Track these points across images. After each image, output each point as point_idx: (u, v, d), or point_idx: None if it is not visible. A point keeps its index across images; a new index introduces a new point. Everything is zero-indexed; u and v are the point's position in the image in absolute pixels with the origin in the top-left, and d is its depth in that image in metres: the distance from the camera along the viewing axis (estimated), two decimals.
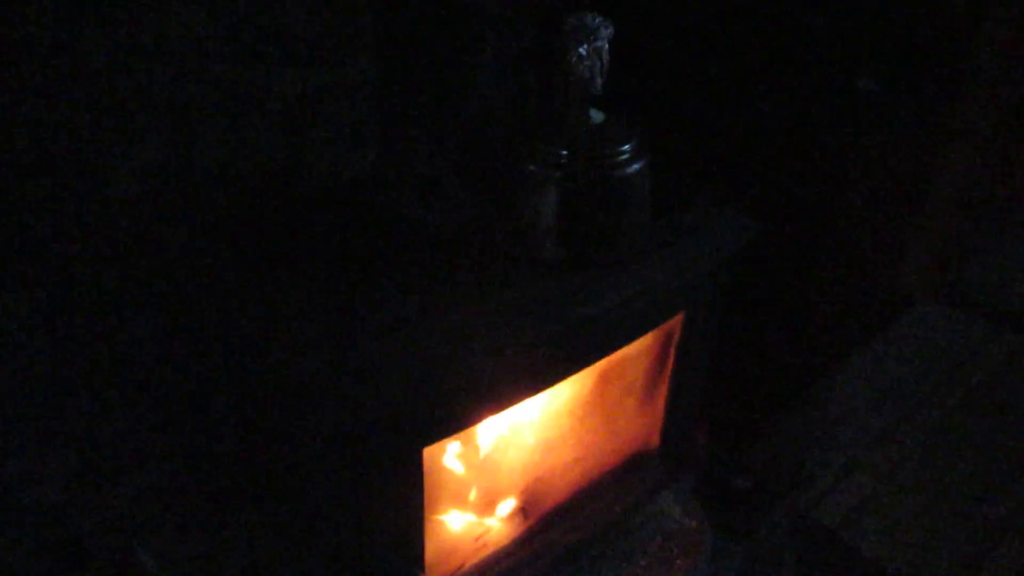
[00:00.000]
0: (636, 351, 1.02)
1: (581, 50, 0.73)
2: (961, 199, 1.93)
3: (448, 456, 0.98)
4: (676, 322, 1.01)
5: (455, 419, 0.82)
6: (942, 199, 1.89)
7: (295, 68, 1.03)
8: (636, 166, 0.82)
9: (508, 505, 1.04)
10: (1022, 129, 1.94)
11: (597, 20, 0.77)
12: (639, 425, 1.11)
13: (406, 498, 0.82)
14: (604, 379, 1.04)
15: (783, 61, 1.50)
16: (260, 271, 0.92)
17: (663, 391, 1.08)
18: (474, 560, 0.97)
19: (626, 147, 0.81)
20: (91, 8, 0.83)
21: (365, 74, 1.03)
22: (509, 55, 0.86)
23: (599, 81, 0.75)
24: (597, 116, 0.83)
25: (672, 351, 1.04)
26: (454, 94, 0.87)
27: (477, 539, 0.99)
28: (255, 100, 1.00)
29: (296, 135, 1.05)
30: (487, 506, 1.03)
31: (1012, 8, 1.68)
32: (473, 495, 1.02)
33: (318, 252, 0.92)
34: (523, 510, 1.04)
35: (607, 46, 0.75)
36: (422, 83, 0.87)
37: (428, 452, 0.84)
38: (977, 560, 1.35)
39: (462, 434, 0.97)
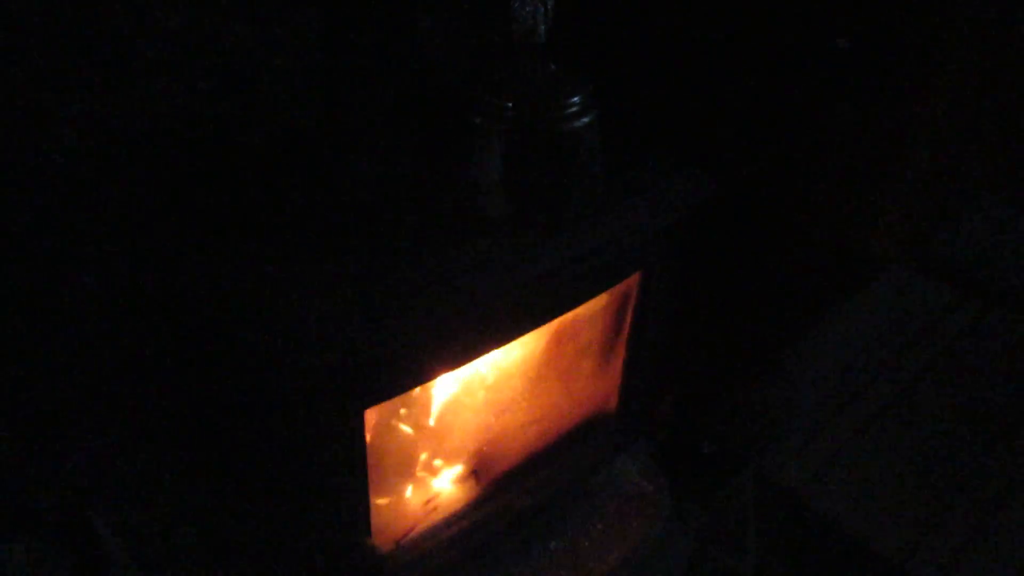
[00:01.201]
0: (591, 311, 1.00)
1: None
2: (935, 164, 1.92)
3: (396, 418, 0.96)
4: (632, 283, 0.99)
5: (397, 380, 0.80)
6: (916, 163, 1.88)
7: (241, 18, 0.99)
8: (586, 119, 0.79)
9: (460, 468, 1.02)
10: (995, 94, 1.93)
11: None
12: (596, 387, 1.09)
13: (348, 463, 0.80)
14: (558, 339, 1.01)
15: (754, 16, 1.47)
16: (201, 227, 0.89)
17: (620, 353, 1.06)
18: (424, 524, 0.96)
19: (575, 99, 0.78)
20: None
21: (310, 22, 0.99)
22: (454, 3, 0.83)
23: (542, 29, 0.72)
24: (545, 66, 0.80)
25: (629, 312, 1.02)
26: (398, 39, 0.84)
27: (427, 503, 0.97)
28: (200, 51, 0.96)
29: (241, 85, 1.01)
30: (438, 469, 1.01)
31: None
32: (423, 458, 1.00)
33: (260, 208, 0.89)
34: (475, 473, 1.02)
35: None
36: (365, 29, 0.83)
37: (374, 413, 0.82)
38: (937, 519, 1.36)
39: (412, 396, 0.95)
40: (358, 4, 0.84)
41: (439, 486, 1.00)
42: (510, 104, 0.77)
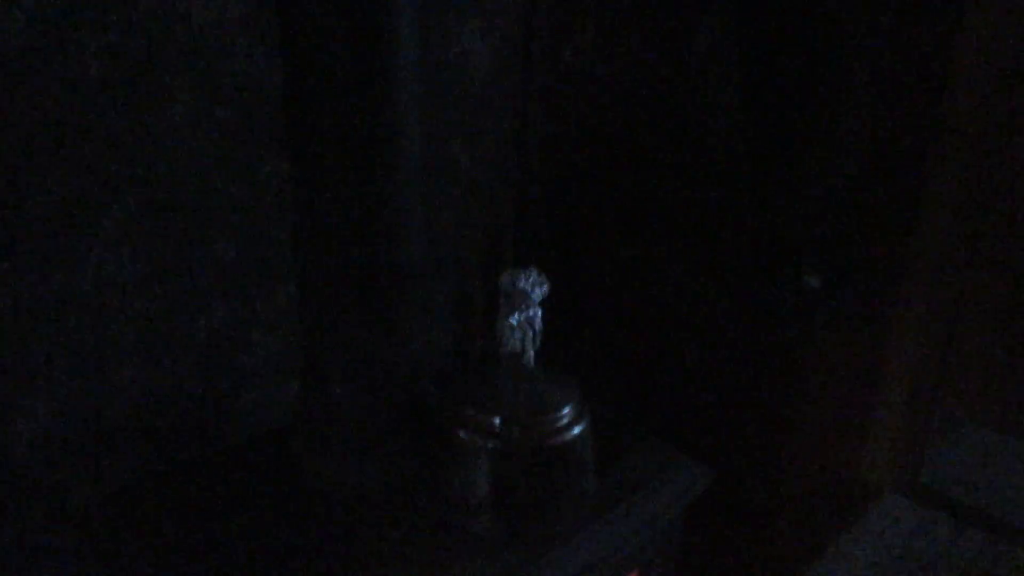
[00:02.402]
0: None
1: (512, 320, 0.68)
2: (914, 389, 1.92)
3: None
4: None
5: None
6: (895, 388, 1.88)
7: (223, 298, 0.98)
8: (576, 430, 0.76)
9: None
10: (967, 316, 1.97)
11: (531, 280, 0.73)
12: None
13: None
14: None
15: (723, 272, 1.50)
16: (167, 540, 0.82)
17: None
18: None
19: (564, 411, 0.75)
20: None
21: (290, 303, 0.98)
22: (437, 308, 0.82)
23: (531, 353, 0.70)
24: (532, 377, 0.77)
25: None
26: (380, 342, 0.82)
27: None
28: (177, 333, 0.94)
29: (218, 368, 0.99)
30: None
31: (944, 206, 1.74)
32: None
33: (233, 520, 0.82)
34: None
35: (539, 313, 0.71)
36: (347, 323, 0.81)
37: None
38: None
39: None
40: (340, 293, 0.82)
41: None
42: (497, 420, 0.74)
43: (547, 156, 1.32)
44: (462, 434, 0.74)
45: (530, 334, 0.69)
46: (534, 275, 0.73)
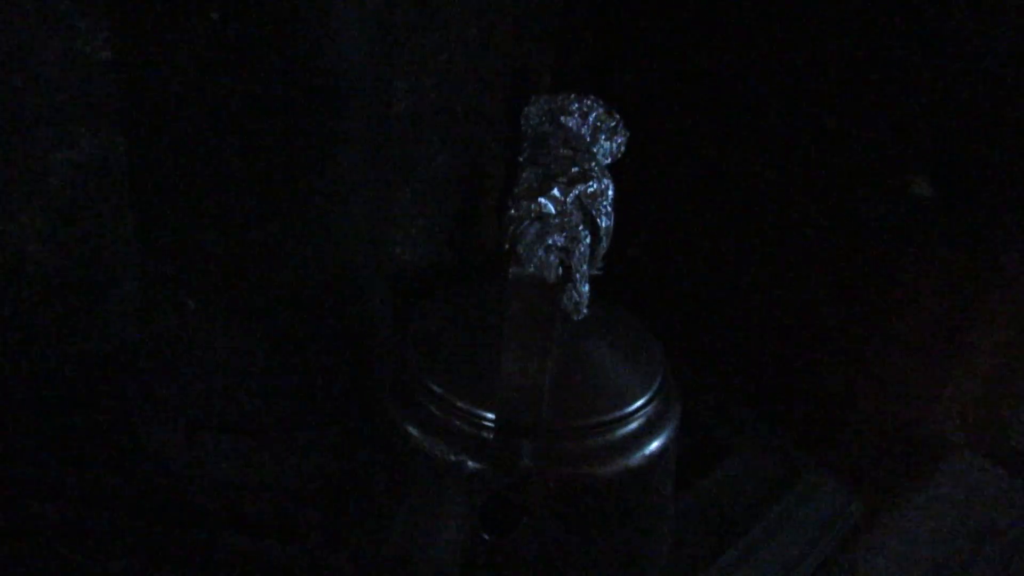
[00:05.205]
0: None
1: (545, 203, 0.27)
2: (1012, 338, 1.56)
3: None
4: None
5: None
6: (996, 326, 1.53)
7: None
8: (654, 445, 0.36)
9: None
10: None
11: (591, 117, 0.32)
12: None
13: None
14: None
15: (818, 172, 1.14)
16: None
17: None
18: None
19: (635, 406, 0.35)
20: None
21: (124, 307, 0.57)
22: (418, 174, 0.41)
23: (583, 290, 0.29)
24: (577, 319, 0.37)
25: None
26: (274, 229, 0.41)
27: None
28: None
29: None
30: None
31: None
32: None
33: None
34: None
35: (611, 190, 0.30)
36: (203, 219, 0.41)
37: None
38: None
39: None
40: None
41: None
42: (487, 418, 0.34)
43: None
44: (419, 437, 0.35)
45: (582, 243, 0.28)
46: (597, 109, 0.32)
